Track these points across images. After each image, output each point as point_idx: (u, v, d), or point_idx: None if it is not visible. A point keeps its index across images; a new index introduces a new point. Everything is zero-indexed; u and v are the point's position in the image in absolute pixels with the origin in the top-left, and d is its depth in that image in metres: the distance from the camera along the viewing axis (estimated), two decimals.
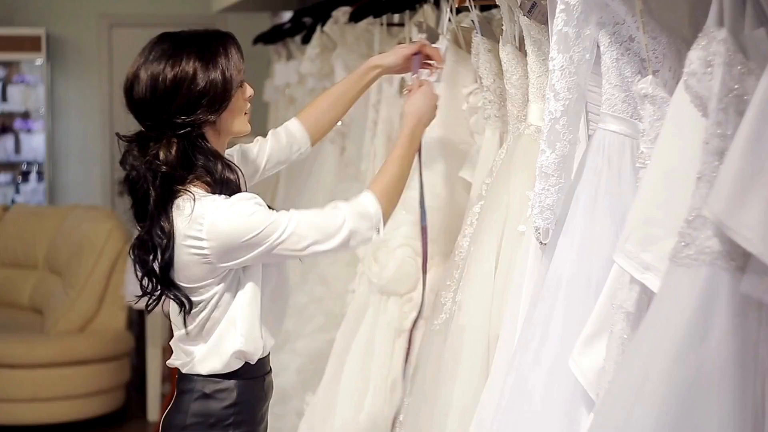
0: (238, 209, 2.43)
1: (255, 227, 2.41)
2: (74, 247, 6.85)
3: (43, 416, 6.44)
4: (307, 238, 2.46)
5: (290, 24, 5.89)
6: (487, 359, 2.63)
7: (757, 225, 1.53)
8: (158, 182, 2.45)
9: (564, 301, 2.13)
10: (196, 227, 2.42)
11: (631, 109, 2.10)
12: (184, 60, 2.46)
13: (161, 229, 2.45)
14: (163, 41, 2.53)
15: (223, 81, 2.48)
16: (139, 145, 2.50)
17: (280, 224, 2.44)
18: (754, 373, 1.60)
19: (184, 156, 2.47)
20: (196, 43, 2.51)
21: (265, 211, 2.45)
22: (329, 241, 2.50)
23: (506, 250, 2.66)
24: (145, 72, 2.47)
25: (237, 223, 2.41)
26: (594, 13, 2.10)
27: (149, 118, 2.48)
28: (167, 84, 2.45)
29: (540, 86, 2.61)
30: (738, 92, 1.63)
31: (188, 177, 2.48)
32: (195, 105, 2.46)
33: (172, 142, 2.46)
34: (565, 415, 2.07)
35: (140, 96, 2.48)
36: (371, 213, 2.55)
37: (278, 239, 2.43)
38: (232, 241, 2.42)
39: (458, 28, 3.31)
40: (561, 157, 2.19)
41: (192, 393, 2.57)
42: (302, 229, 2.46)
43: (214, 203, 2.43)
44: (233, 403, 2.56)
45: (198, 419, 2.56)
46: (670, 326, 1.65)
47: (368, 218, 2.54)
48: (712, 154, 1.64)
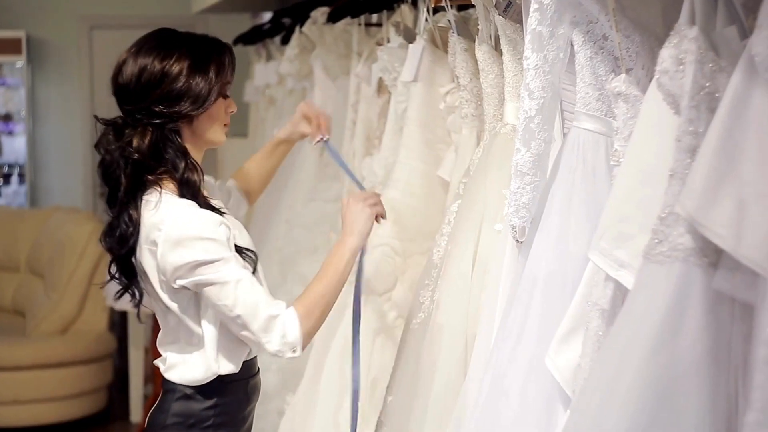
0: (193, 239, 2.42)
1: (199, 259, 2.41)
2: (56, 249, 6.83)
3: (26, 418, 6.42)
4: (237, 300, 2.41)
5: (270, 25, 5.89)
6: (465, 357, 2.64)
7: (729, 221, 1.53)
8: (129, 170, 2.48)
9: (540, 299, 2.13)
10: (156, 232, 2.44)
11: (605, 108, 2.10)
12: (174, 57, 2.50)
13: (129, 216, 2.47)
14: (161, 34, 2.57)
15: (207, 88, 2.51)
16: (115, 131, 2.53)
17: (228, 268, 2.42)
18: (727, 368, 1.61)
19: (155, 146, 2.49)
20: (191, 44, 2.54)
21: (221, 245, 2.43)
22: (248, 321, 2.42)
23: (483, 249, 2.66)
24: (135, 59, 2.52)
25: (182, 252, 2.41)
26: (567, 12, 2.10)
27: (130, 102, 2.51)
28: (153, 75, 2.48)
29: (516, 85, 2.61)
30: (709, 90, 1.63)
31: (158, 169, 2.50)
32: (176, 100, 2.48)
33: (147, 130, 2.49)
34: (542, 411, 2.07)
35: (126, 80, 2.52)
36: (289, 336, 2.44)
37: (215, 279, 2.41)
38: (174, 265, 2.42)
39: (435, 27, 3.31)
40: (536, 156, 2.19)
41: (174, 393, 2.57)
42: (240, 290, 2.41)
43: (179, 213, 2.44)
44: (214, 404, 2.56)
45: (178, 419, 2.56)
46: (644, 322, 1.65)
47: (285, 338, 2.45)
48: (684, 152, 1.64)
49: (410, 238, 3.30)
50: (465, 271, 2.69)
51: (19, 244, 7.32)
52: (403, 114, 3.41)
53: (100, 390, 6.74)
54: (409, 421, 2.75)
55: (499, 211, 2.59)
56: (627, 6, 2.07)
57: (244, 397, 2.63)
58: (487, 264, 2.62)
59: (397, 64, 3.48)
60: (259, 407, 2.82)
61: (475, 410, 2.26)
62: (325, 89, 4.59)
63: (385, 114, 3.75)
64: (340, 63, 4.51)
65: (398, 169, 3.36)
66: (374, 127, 3.90)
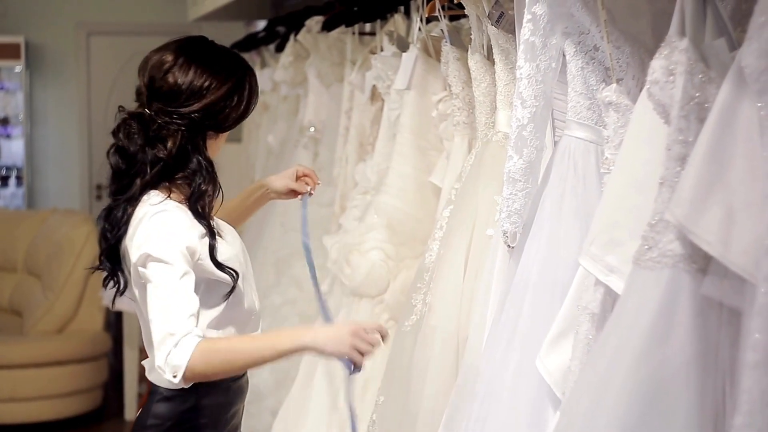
0: (172, 225, 2.34)
1: (154, 249, 2.30)
2: (53, 251, 6.82)
3: (22, 416, 6.40)
4: (156, 304, 2.27)
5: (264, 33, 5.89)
6: (457, 359, 2.64)
7: (718, 228, 1.53)
8: (156, 170, 2.38)
9: (531, 303, 2.13)
10: (137, 224, 2.36)
11: (595, 117, 2.10)
12: (223, 75, 2.42)
13: (125, 207, 2.38)
14: (206, 44, 2.49)
15: (241, 110, 2.47)
16: (142, 123, 2.40)
17: (166, 272, 2.29)
18: (715, 372, 1.61)
19: (182, 151, 2.40)
20: (232, 63, 2.48)
21: (180, 252, 2.31)
22: (156, 327, 2.26)
23: (475, 253, 2.67)
24: (184, 65, 2.40)
25: (151, 240, 2.31)
26: (560, 23, 2.10)
27: (169, 104, 2.40)
28: (202, 86, 2.39)
29: (508, 94, 2.62)
30: (699, 100, 1.64)
31: (177, 174, 2.41)
32: (215, 114, 2.42)
33: (177, 134, 2.39)
34: (533, 413, 2.07)
35: (172, 83, 2.39)
36: (175, 359, 2.21)
37: (153, 278, 2.29)
38: (140, 250, 2.32)
39: (428, 37, 3.32)
40: (528, 163, 2.20)
41: (156, 394, 2.48)
42: (164, 296, 2.28)
43: (164, 208, 2.37)
44: (194, 406, 2.46)
45: (156, 421, 2.47)
46: (633, 327, 1.65)
47: (171, 358, 2.21)
48: (674, 160, 1.65)
49: (402, 243, 3.31)
50: (457, 275, 2.69)
51: (17, 245, 7.29)
52: (395, 121, 3.41)
53: (95, 388, 6.73)
54: (401, 421, 2.75)
55: (490, 217, 2.59)
56: (618, 18, 2.07)
57: (227, 399, 2.53)
58: (478, 268, 2.62)
59: (390, 73, 3.48)
60: (252, 407, 2.82)
61: (467, 412, 2.26)
62: (319, 96, 4.59)
63: (378, 121, 3.76)
64: (334, 71, 4.51)
65: (391, 174, 3.36)
66: (367, 133, 3.90)
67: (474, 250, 2.67)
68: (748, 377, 1.43)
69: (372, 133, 3.83)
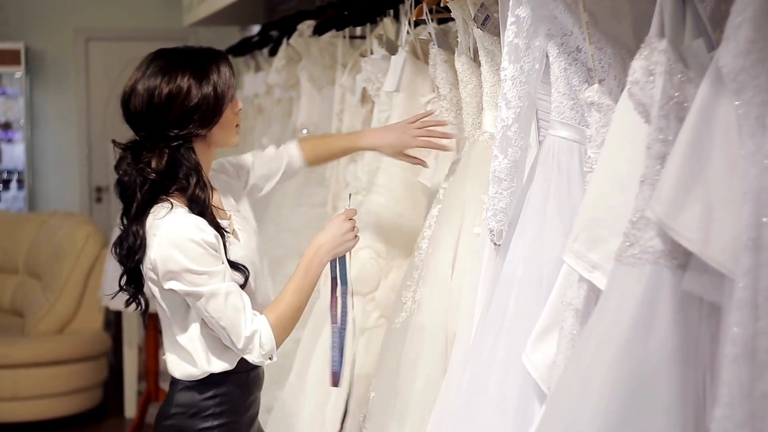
0: (188, 242, 2.44)
1: (190, 266, 2.43)
2: (53, 252, 6.81)
3: (24, 414, 6.40)
4: (224, 312, 2.46)
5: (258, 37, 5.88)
6: (446, 355, 2.63)
7: (697, 225, 1.53)
8: (146, 188, 2.49)
9: (517, 299, 2.13)
10: (152, 236, 2.47)
11: (578, 116, 2.10)
12: (179, 76, 2.48)
13: (135, 232, 2.49)
14: (160, 57, 2.54)
15: (215, 97, 2.51)
16: (133, 153, 2.53)
17: (216, 279, 2.45)
18: (695, 366, 1.61)
19: (171, 166, 2.50)
20: (190, 60, 2.53)
21: (211, 259, 2.46)
22: (233, 334, 2.48)
23: (463, 251, 2.66)
24: (142, 86, 2.50)
25: (175, 252, 2.44)
26: (543, 26, 2.10)
27: (144, 129, 2.52)
28: (162, 98, 2.47)
29: (493, 95, 2.61)
30: (678, 99, 1.63)
31: (171, 187, 2.51)
32: (188, 119, 2.49)
33: (163, 152, 2.49)
34: (519, 407, 2.07)
35: (136, 108, 2.51)
36: (264, 344, 2.52)
37: (203, 291, 2.44)
38: (165, 264, 2.45)
39: (416, 40, 3.31)
40: (513, 162, 2.19)
41: (177, 385, 2.61)
42: (228, 303, 2.46)
43: (178, 217, 2.46)
44: (213, 395, 2.59)
45: (180, 409, 2.59)
46: (616, 322, 1.65)
47: (262, 348, 2.52)
48: (654, 159, 1.64)
49: (393, 241, 3.30)
50: (445, 272, 2.69)
51: (18, 246, 7.29)
52: (385, 122, 3.41)
53: (95, 387, 6.72)
54: (391, 416, 2.74)
55: (477, 216, 2.59)
56: (599, 19, 2.07)
57: (245, 388, 2.65)
58: (466, 266, 2.62)
59: (380, 75, 3.47)
60: None
61: (455, 406, 2.26)
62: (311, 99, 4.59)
63: (368, 122, 3.75)
64: (326, 74, 4.50)
65: (381, 175, 3.35)
66: None
67: (462, 248, 2.67)
68: (728, 370, 1.42)
69: None
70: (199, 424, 2.59)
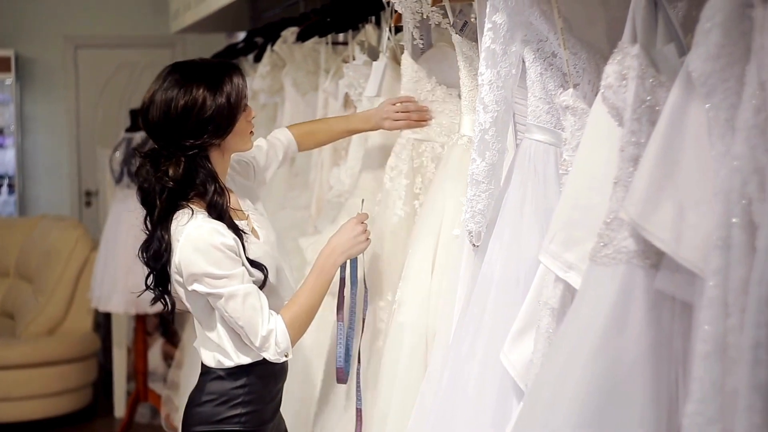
0: (209, 247, 2.53)
1: (210, 270, 2.52)
2: (43, 255, 6.79)
3: (16, 414, 6.38)
4: (243, 313, 2.56)
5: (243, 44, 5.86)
6: (426, 353, 2.63)
7: (670, 226, 1.53)
8: (165, 196, 2.58)
9: (495, 299, 2.13)
10: (175, 241, 2.56)
11: (554, 120, 2.10)
12: (194, 88, 2.56)
13: (160, 237, 2.59)
14: (176, 71, 2.62)
15: (229, 107, 2.59)
16: (152, 161, 2.62)
17: (233, 283, 2.54)
18: (668, 363, 1.61)
19: (188, 174, 2.58)
20: (205, 72, 2.60)
21: (230, 263, 2.54)
22: (251, 333, 2.58)
23: (442, 252, 2.66)
24: (160, 98, 2.58)
25: (197, 257, 2.53)
26: (519, 31, 2.10)
27: (162, 138, 2.60)
28: (179, 109, 2.55)
29: (471, 99, 2.61)
30: (650, 103, 1.64)
31: (190, 193, 2.59)
32: (203, 129, 2.57)
33: (180, 160, 2.57)
34: (497, 404, 2.07)
35: (154, 119, 2.59)
36: (280, 342, 2.61)
37: (223, 293, 2.54)
38: (188, 267, 2.54)
39: (397, 46, 3.31)
40: (491, 165, 2.19)
41: (209, 374, 2.71)
42: (247, 303, 2.55)
43: (199, 228, 2.54)
44: (244, 384, 2.68)
45: (212, 396, 2.69)
46: (591, 321, 1.65)
47: (278, 347, 2.61)
48: (627, 161, 1.65)
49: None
50: (425, 272, 2.69)
51: (9, 250, 7.27)
52: None
53: (85, 387, 6.70)
54: (373, 414, 2.74)
55: (456, 217, 2.58)
56: (574, 26, 2.07)
57: (271, 378, 2.74)
58: (445, 266, 2.62)
59: (362, 80, 3.47)
60: None
61: (435, 403, 2.26)
62: (294, 104, 4.58)
63: None
64: (309, 79, 4.50)
65: (363, 178, 3.35)
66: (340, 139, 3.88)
67: (441, 249, 2.67)
68: (699, 367, 1.43)
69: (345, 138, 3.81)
70: (229, 412, 2.69)
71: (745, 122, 1.40)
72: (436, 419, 2.21)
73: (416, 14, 2.81)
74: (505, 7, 2.08)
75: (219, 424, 2.68)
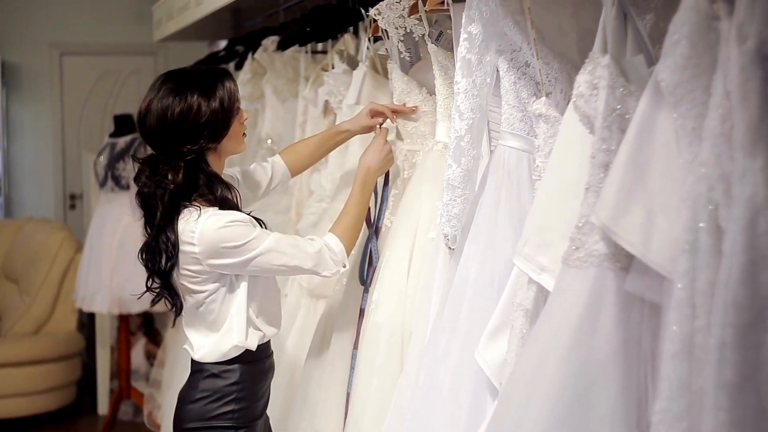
0: (227, 222, 2.56)
1: (237, 238, 2.55)
2: (29, 257, 6.75)
3: (2, 411, 6.34)
4: (284, 255, 2.61)
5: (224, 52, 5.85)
6: (402, 353, 2.63)
7: (639, 230, 1.54)
8: (166, 199, 2.59)
9: (470, 300, 2.13)
10: (190, 233, 2.57)
11: (527, 127, 2.10)
12: (188, 95, 2.58)
13: (167, 238, 2.60)
14: (170, 80, 2.63)
15: (223, 111, 2.61)
16: (151, 166, 2.63)
17: (261, 240, 2.57)
18: (637, 362, 1.62)
19: (189, 178, 2.60)
20: (198, 80, 2.62)
21: (250, 228, 2.59)
22: (300, 259, 2.63)
23: (418, 255, 2.67)
24: (155, 107, 2.59)
25: (222, 233, 2.55)
26: (493, 42, 2.11)
27: (159, 145, 2.62)
28: (175, 117, 2.57)
29: (447, 107, 2.62)
30: (620, 111, 1.64)
31: (192, 195, 2.61)
32: (199, 134, 2.58)
33: (179, 166, 2.59)
34: (472, 401, 2.07)
35: (152, 127, 2.60)
36: (336, 251, 2.69)
37: (257, 252, 2.57)
38: (215, 246, 2.56)
39: (375, 55, 3.31)
40: (466, 171, 2.20)
41: (202, 372, 2.72)
42: (281, 248, 2.61)
43: (211, 216, 2.57)
44: (236, 381, 2.71)
45: (205, 394, 2.71)
46: (563, 321, 1.65)
47: (334, 255, 2.69)
48: (598, 167, 1.65)
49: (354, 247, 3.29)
50: (401, 275, 2.69)
51: None
52: None
53: (69, 385, 6.66)
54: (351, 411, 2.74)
55: (432, 221, 2.59)
56: (546, 36, 2.08)
57: (261, 375, 2.78)
58: (421, 269, 2.62)
59: (342, 88, 3.47)
60: None
61: (412, 400, 2.26)
62: (275, 110, 4.57)
63: None
64: (289, 87, 4.49)
65: (343, 183, 3.35)
66: None
67: (417, 251, 2.67)
68: (668, 366, 1.44)
69: None
70: (221, 409, 2.70)
71: (711, 131, 1.41)
72: (413, 417, 2.21)
73: (400, 29, 2.80)
74: (480, 18, 2.08)
75: (212, 420, 2.70)
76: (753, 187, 1.31)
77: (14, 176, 9.09)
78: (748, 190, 1.32)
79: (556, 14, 2.11)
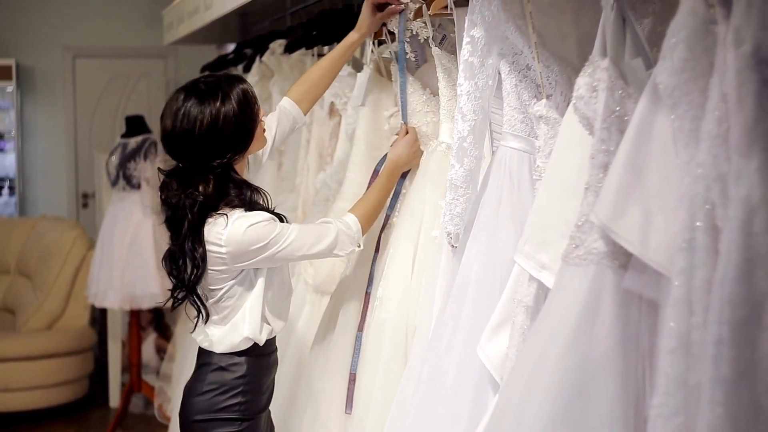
0: (252, 223, 2.57)
1: (263, 238, 2.57)
2: (42, 254, 6.76)
3: (16, 404, 6.35)
4: (304, 246, 2.64)
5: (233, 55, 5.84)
6: (406, 348, 2.63)
7: (637, 228, 1.54)
8: (196, 209, 2.58)
9: (472, 297, 2.13)
10: (217, 235, 2.57)
11: (528, 129, 2.10)
12: (212, 108, 2.55)
13: (194, 248, 2.60)
14: (190, 94, 2.58)
15: (245, 119, 2.60)
16: (178, 179, 2.62)
17: (284, 235, 2.60)
18: (635, 358, 1.61)
19: (219, 188, 2.59)
20: (217, 90, 2.58)
21: (273, 225, 2.59)
22: (319, 245, 2.66)
23: (422, 253, 2.67)
24: (181, 122, 2.55)
25: (249, 235, 2.56)
26: (495, 45, 2.10)
27: (187, 160, 2.60)
28: (203, 130, 2.54)
29: (450, 108, 2.61)
30: (619, 113, 1.64)
31: (219, 204, 2.60)
32: (227, 145, 2.57)
33: (208, 178, 2.58)
34: (474, 396, 2.07)
35: (179, 142, 2.57)
36: (353, 230, 2.72)
37: (281, 247, 2.60)
38: (243, 247, 2.58)
39: (380, 58, 3.30)
40: (468, 171, 2.20)
41: (210, 365, 2.74)
42: (302, 238, 2.63)
43: (237, 219, 2.57)
44: (243, 374, 2.72)
45: (213, 386, 2.72)
46: (563, 318, 1.65)
47: (350, 234, 2.71)
48: (597, 168, 1.65)
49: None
50: (405, 272, 2.69)
51: (10, 249, 7.22)
52: (352, 134, 3.40)
53: (82, 379, 6.67)
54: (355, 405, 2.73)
55: (435, 220, 2.59)
56: (547, 40, 2.08)
57: (267, 369, 2.79)
58: (425, 266, 2.62)
59: (347, 90, 3.47)
60: None
61: (415, 395, 2.25)
62: None
63: (335, 134, 3.74)
64: None
65: (347, 183, 3.35)
66: (326, 145, 3.88)
67: (421, 249, 2.67)
68: (665, 362, 1.43)
69: (330, 145, 3.81)
70: (229, 401, 2.71)
71: (708, 132, 1.41)
72: (416, 411, 2.21)
73: (406, 31, 2.80)
74: (482, 22, 2.08)
75: (219, 412, 2.71)
76: (748, 187, 1.31)
77: (28, 176, 9.11)
78: (744, 191, 1.31)
79: (556, 19, 2.11)
